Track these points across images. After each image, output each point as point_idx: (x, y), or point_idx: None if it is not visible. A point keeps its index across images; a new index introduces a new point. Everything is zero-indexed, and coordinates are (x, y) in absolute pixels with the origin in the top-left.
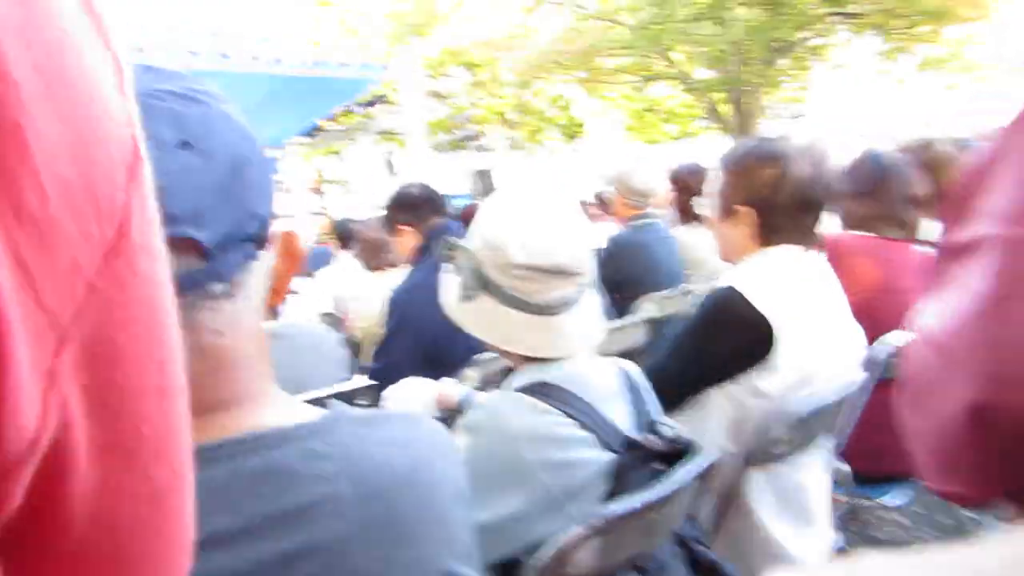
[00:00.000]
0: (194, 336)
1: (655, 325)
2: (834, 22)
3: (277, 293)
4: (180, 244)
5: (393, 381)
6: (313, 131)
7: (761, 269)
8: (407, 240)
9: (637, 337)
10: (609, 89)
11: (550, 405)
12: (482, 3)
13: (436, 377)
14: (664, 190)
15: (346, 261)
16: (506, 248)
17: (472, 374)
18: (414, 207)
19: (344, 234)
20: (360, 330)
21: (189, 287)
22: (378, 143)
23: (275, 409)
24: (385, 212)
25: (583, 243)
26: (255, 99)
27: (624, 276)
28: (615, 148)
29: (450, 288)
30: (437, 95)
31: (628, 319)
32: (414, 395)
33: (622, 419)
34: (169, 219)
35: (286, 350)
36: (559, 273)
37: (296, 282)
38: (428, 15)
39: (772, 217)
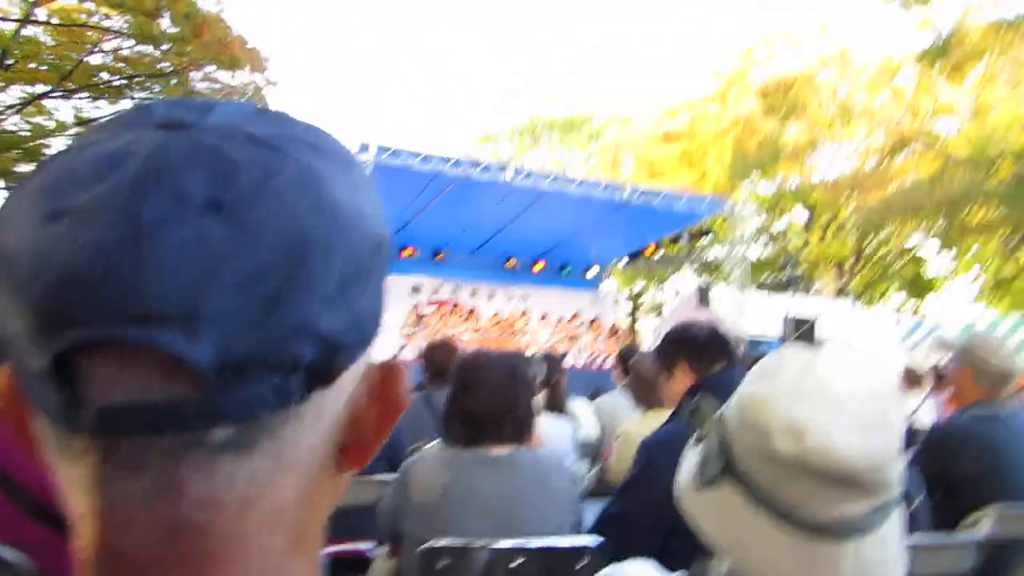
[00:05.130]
0: (165, 503)
1: (994, 549)
2: None
3: (357, 453)
4: (157, 357)
5: (621, 536)
6: (637, 255)
7: None
8: (679, 381)
9: (964, 561)
10: (974, 243)
11: None
12: (831, 146)
13: (680, 549)
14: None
15: (623, 392)
16: (768, 431)
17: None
18: (695, 346)
19: (626, 362)
20: (615, 470)
21: (167, 423)
22: (699, 274)
23: None
24: (663, 346)
25: (891, 443)
26: (588, 220)
27: (957, 473)
28: (971, 314)
29: (688, 463)
30: (769, 233)
31: (956, 537)
32: None
33: None
34: (143, 316)
35: (507, 479)
36: (845, 483)
37: (576, 403)
38: (774, 154)
39: None
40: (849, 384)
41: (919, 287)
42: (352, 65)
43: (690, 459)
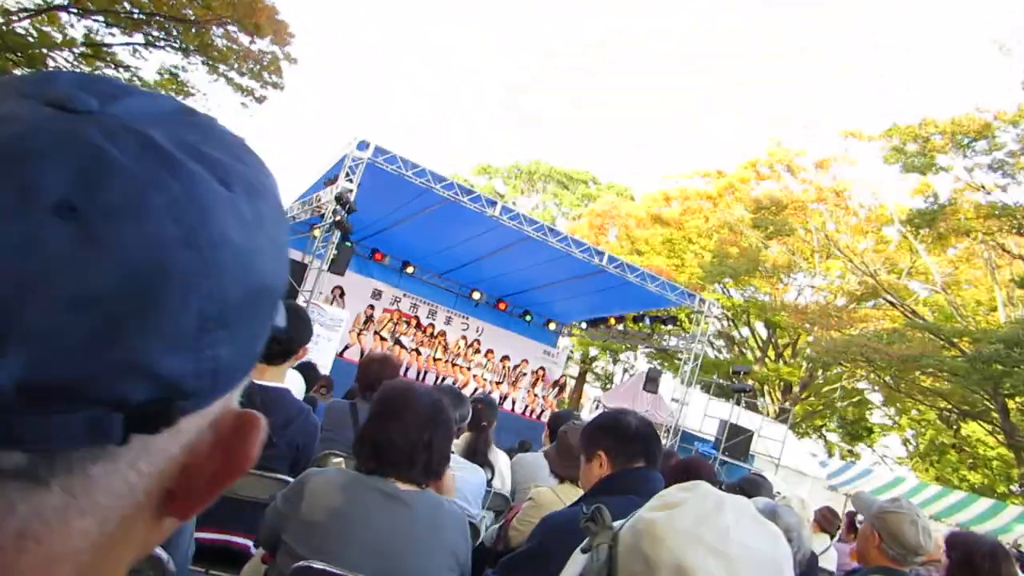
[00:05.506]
0: None
1: None
2: None
3: (185, 503)
4: None
5: None
6: (599, 323)
7: None
8: (596, 468)
9: None
10: (915, 407)
11: None
12: (806, 275)
13: None
14: (935, 550)
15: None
16: (656, 566)
17: None
18: (621, 438)
19: (556, 427)
20: (517, 531)
21: None
22: (652, 358)
23: None
24: (589, 430)
25: None
26: (561, 276)
27: None
28: (897, 473)
29: (573, 568)
30: (728, 339)
31: None
32: None
33: None
34: None
35: (401, 518)
36: None
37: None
38: (751, 265)
39: None
40: (747, 542)
41: (856, 431)
42: (359, 59)
43: (575, 564)
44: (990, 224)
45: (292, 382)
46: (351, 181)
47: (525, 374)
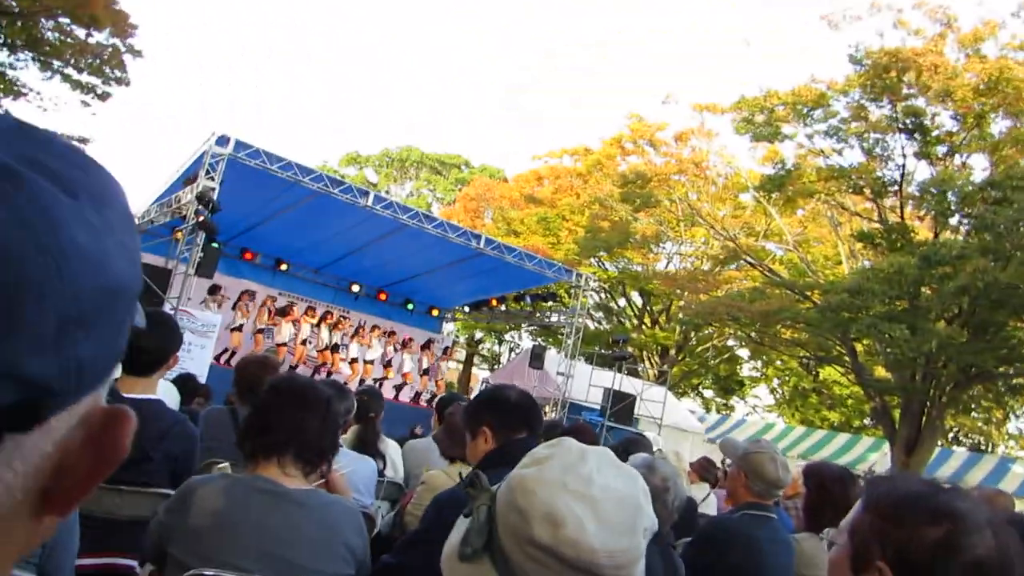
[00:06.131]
0: None
1: None
2: None
3: (61, 500)
4: None
5: None
6: (481, 305)
7: None
8: (481, 443)
9: None
10: (779, 358)
11: None
12: (674, 243)
13: None
14: (794, 481)
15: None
16: (529, 515)
17: None
18: (502, 411)
19: (443, 410)
20: (412, 516)
21: None
22: (536, 335)
23: None
24: (471, 406)
25: (634, 544)
26: (440, 262)
27: (723, 569)
28: (768, 419)
29: (456, 533)
30: (607, 310)
31: None
32: None
33: None
34: None
35: (290, 516)
36: (588, 573)
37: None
38: (622, 238)
39: None
40: (608, 485)
41: (729, 386)
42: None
43: (458, 529)
44: (830, 185)
45: (165, 394)
46: (212, 179)
47: (414, 362)
